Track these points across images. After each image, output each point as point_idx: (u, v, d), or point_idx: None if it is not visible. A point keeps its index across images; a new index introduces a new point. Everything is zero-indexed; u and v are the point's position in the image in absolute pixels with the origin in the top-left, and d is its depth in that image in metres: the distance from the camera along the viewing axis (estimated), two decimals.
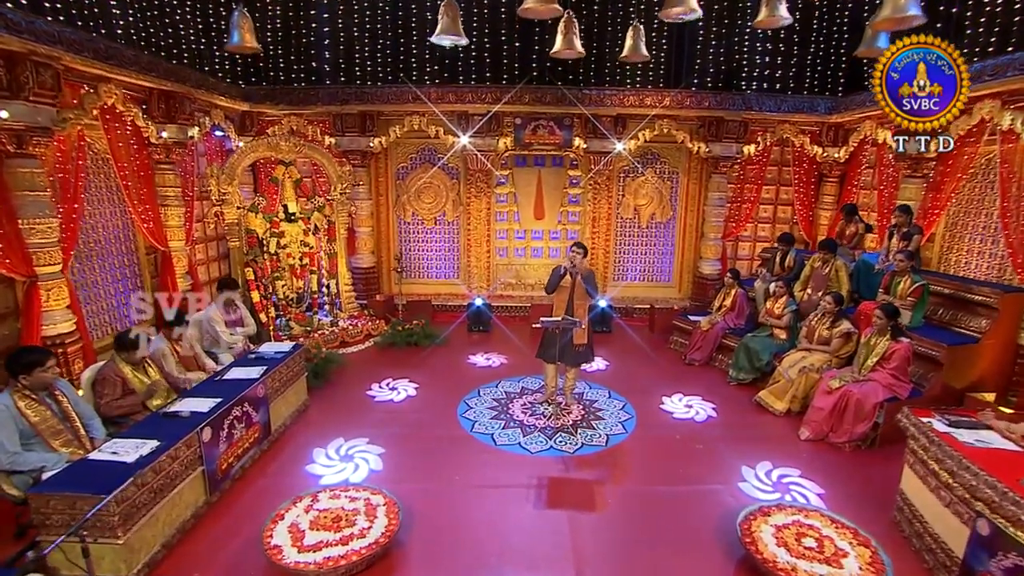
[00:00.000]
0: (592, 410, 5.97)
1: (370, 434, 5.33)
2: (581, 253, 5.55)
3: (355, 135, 8.80)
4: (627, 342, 8.36)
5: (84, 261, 6.27)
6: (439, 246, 9.78)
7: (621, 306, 9.36)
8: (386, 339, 7.94)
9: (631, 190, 9.50)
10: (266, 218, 7.53)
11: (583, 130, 8.87)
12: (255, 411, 4.79)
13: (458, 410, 5.92)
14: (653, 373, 7.12)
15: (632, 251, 9.79)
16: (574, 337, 5.68)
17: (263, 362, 5.27)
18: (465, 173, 9.40)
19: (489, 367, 7.27)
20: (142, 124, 6.46)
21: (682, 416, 5.89)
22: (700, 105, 8.53)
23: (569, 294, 5.62)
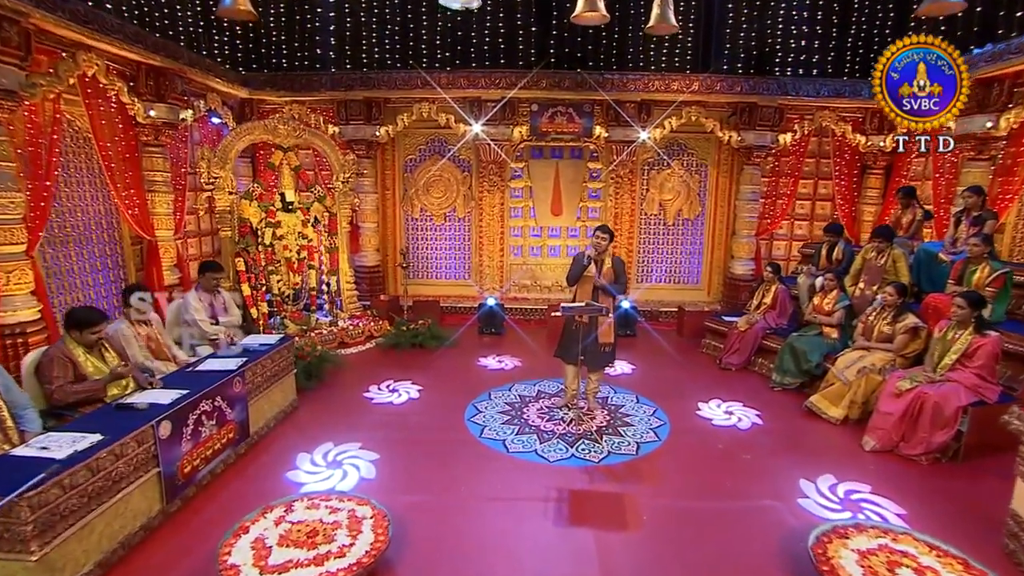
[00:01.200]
0: (619, 415, 5.27)
1: (364, 438, 4.69)
2: (607, 238, 4.92)
3: (360, 123, 8.31)
4: (654, 346, 7.65)
5: (58, 247, 5.77)
6: (449, 244, 9.21)
7: (646, 309, 8.66)
8: (389, 340, 7.33)
9: (656, 184, 8.87)
10: (261, 207, 7.01)
11: (604, 118, 8.30)
12: (230, 408, 4.18)
13: (465, 414, 5.26)
14: (685, 378, 6.40)
15: (657, 250, 9.12)
16: (599, 335, 5.02)
17: (245, 354, 4.67)
18: (477, 166, 8.86)
19: (501, 370, 6.61)
20: (127, 100, 6.00)
21: (723, 423, 5.16)
22: (731, 90, 7.92)
23: (593, 286, 4.97)
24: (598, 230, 4.98)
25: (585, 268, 4.92)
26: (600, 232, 4.94)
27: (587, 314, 4.68)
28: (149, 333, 4.35)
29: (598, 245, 4.91)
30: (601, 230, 4.96)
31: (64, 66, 5.18)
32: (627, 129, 8.24)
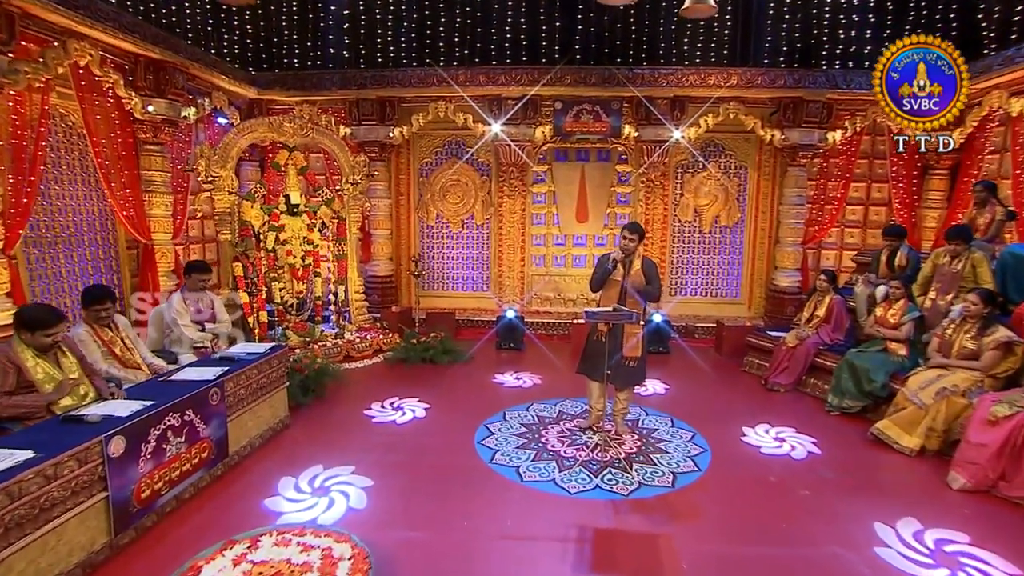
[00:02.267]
0: (651, 441, 4.66)
1: (358, 461, 4.18)
2: (636, 239, 4.40)
3: (373, 124, 7.98)
4: (690, 364, 7.00)
5: (45, 247, 5.49)
6: (466, 253, 8.75)
7: (680, 324, 8.02)
8: (398, 354, 6.85)
9: (691, 188, 8.30)
10: (264, 209, 6.67)
11: (634, 116, 7.80)
12: (204, 423, 3.73)
13: (476, 436, 4.72)
14: (727, 399, 5.75)
15: (692, 260, 8.51)
16: (625, 348, 4.46)
17: (228, 364, 4.24)
18: (497, 169, 8.43)
19: (519, 387, 6.06)
20: (123, 94, 5.75)
21: (773, 451, 4.50)
22: (774, 84, 7.35)
23: (620, 291, 4.46)
24: (626, 228, 4.47)
25: (611, 272, 4.40)
26: (628, 231, 4.42)
27: (614, 321, 4.13)
28: (113, 338, 3.94)
29: (626, 247, 4.40)
30: (629, 228, 4.45)
31: (52, 54, 4.93)
32: (659, 128, 7.72)
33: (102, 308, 3.90)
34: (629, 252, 4.41)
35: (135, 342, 4.20)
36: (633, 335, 4.49)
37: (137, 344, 4.21)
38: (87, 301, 3.92)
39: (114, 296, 4.05)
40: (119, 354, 3.96)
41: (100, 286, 4.10)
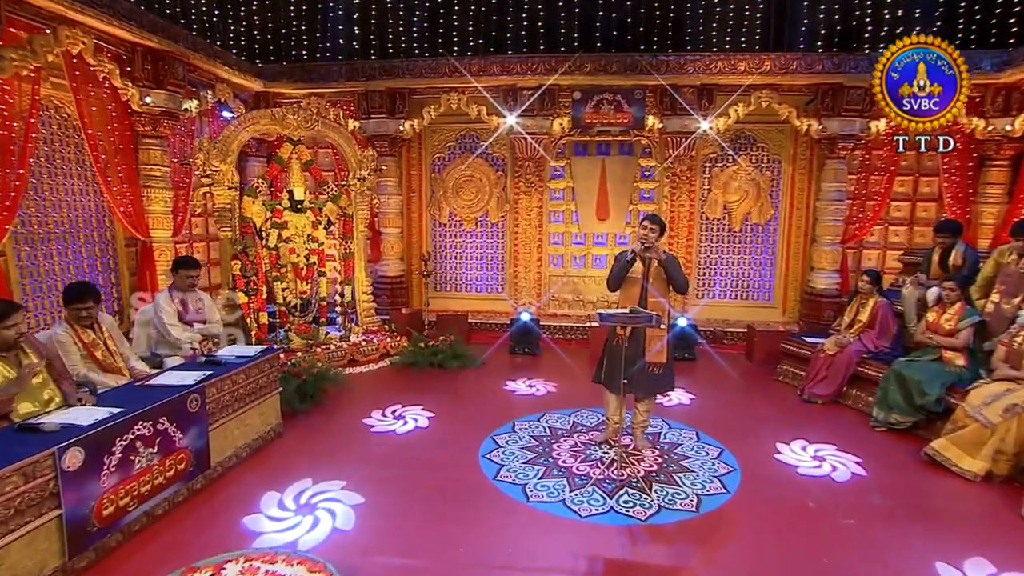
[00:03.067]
0: (674, 458, 4.26)
1: (350, 475, 3.89)
2: (656, 230, 4.05)
3: (383, 117, 7.74)
4: (718, 372, 6.57)
5: (37, 244, 5.35)
6: (480, 252, 8.45)
7: (707, 328, 7.58)
8: (404, 358, 6.57)
9: (720, 183, 7.86)
10: (267, 205, 6.46)
11: (658, 106, 7.41)
12: (181, 432, 3.47)
13: (481, 449, 4.39)
14: (759, 412, 5.31)
15: (721, 260, 8.05)
16: (648, 354, 4.09)
17: (213, 368, 3.99)
18: (513, 164, 8.11)
19: (531, 395, 5.71)
20: (119, 85, 5.59)
21: (811, 472, 4.07)
22: (811, 70, 6.88)
23: (641, 289, 4.09)
24: (646, 219, 4.12)
25: (628, 267, 4.05)
26: (648, 222, 4.06)
27: (631, 324, 3.76)
28: (95, 340, 3.72)
29: (645, 238, 4.04)
30: (650, 219, 4.10)
31: (41, 41, 4.76)
32: (685, 119, 7.31)
33: (83, 307, 3.69)
34: (650, 245, 4.05)
35: (120, 344, 3.99)
36: (657, 339, 4.12)
37: (122, 346, 4.00)
38: (68, 299, 3.72)
39: (97, 294, 3.83)
40: (100, 357, 3.73)
41: (82, 283, 3.89)
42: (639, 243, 4.08)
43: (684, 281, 4.08)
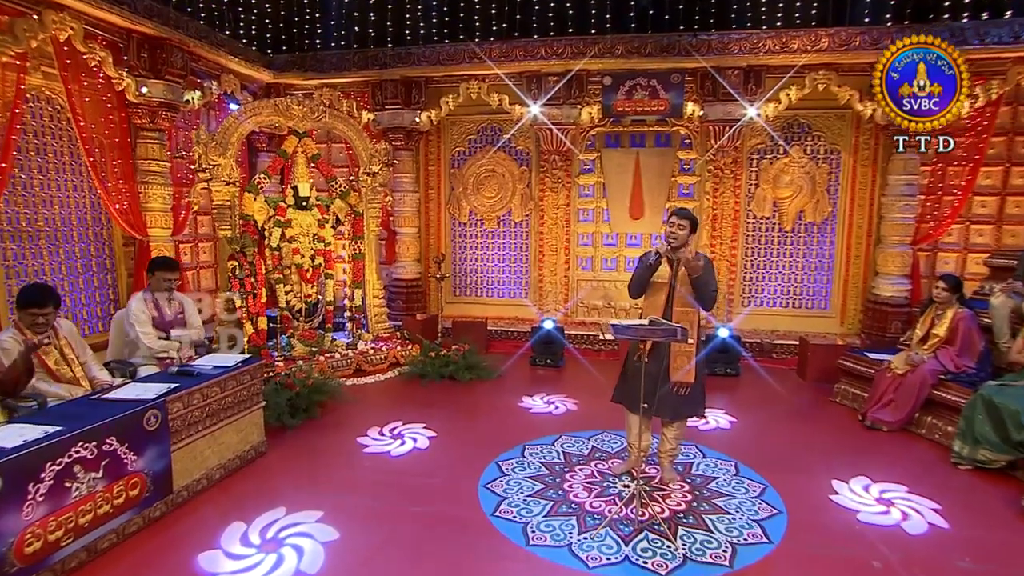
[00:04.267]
0: (706, 495, 3.72)
1: (330, 505, 3.52)
2: (686, 227, 3.56)
3: (397, 108, 7.42)
4: (764, 391, 5.94)
5: (25, 243, 5.21)
6: (503, 254, 8.02)
7: (753, 340, 6.94)
8: (414, 369, 6.19)
9: (769, 177, 7.21)
10: (269, 202, 6.20)
11: (699, 91, 6.84)
12: (134, 453, 3.16)
13: (482, 477, 3.95)
14: (812, 440, 4.69)
15: (770, 264, 7.39)
16: (673, 371, 3.59)
17: (183, 379, 3.68)
18: (538, 158, 7.67)
19: (548, 415, 5.24)
20: (113, 74, 5.42)
21: (876, 519, 3.45)
22: (877, 45, 6.15)
23: (667, 296, 3.60)
24: (673, 215, 3.62)
25: (652, 270, 3.55)
26: (676, 218, 3.56)
27: (650, 338, 3.26)
28: (49, 348, 3.45)
29: (673, 236, 3.53)
30: (677, 215, 3.59)
31: (23, 25, 4.61)
32: (729, 105, 6.71)
33: (40, 313, 3.42)
34: (679, 244, 3.55)
35: (81, 351, 3.72)
36: (684, 354, 3.62)
37: (83, 354, 3.73)
38: (23, 302, 3.45)
39: (58, 299, 3.56)
40: (52, 367, 3.47)
41: (41, 286, 3.63)
42: (665, 242, 3.59)
43: (712, 293, 3.54)
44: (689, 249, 3.57)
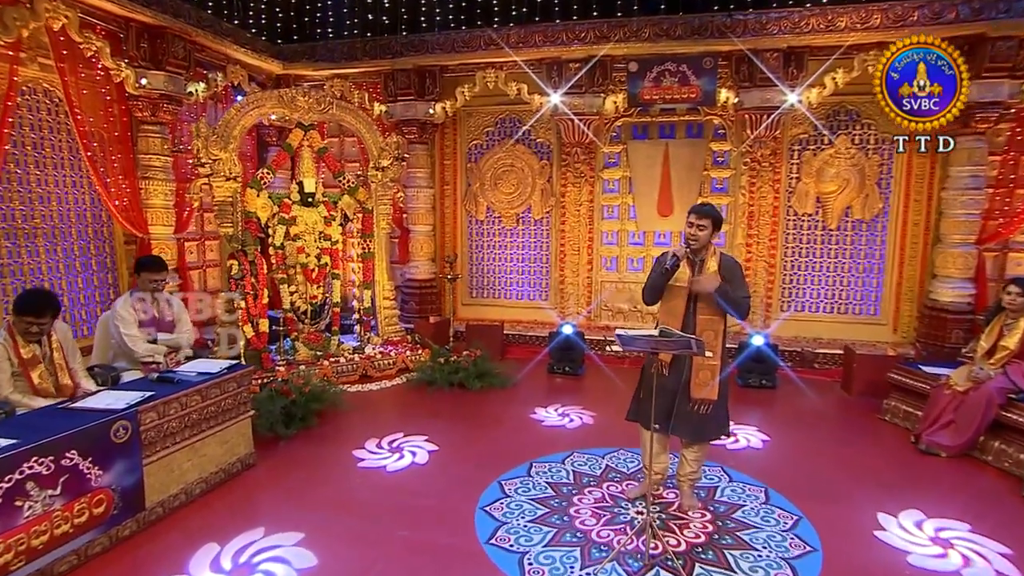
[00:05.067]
0: (730, 526, 3.39)
1: (312, 527, 3.33)
2: (707, 226, 3.27)
3: (411, 100, 7.23)
4: (803, 406, 5.53)
5: (21, 240, 5.18)
6: (522, 253, 7.76)
7: (792, 348, 6.52)
8: (422, 376, 5.98)
9: (812, 170, 6.75)
10: (273, 198, 6.08)
11: (734, 77, 6.45)
12: (99, 468, 3.01)
13: (481, 498, 3.70)
14: (856, 465, 4.28)
15: (812, 265, 6.93)
16: (693, 385, 3.29)
17: (162, 387, 3.54)
18: (559, 151, 7.38)
19: (561, 428, 4.96)
20: (111, 64, 5.36)
21: (929, 563, 3.07)
22: (938, 19, 5.68)
23: (687, 303, 3.31)
24: (692, 212, 3.32)
25: (669, 276, 3.26)
26: (695, 216, 3.25)
27: (660, 350, 2.96)
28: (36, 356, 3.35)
29: (694, 238, 3.23)
30: (697, 212, 3.29)
31: (13, 14, 4.55)
32: (767, 91, 6.30)
33: (36, 322, 3.29)
34: (700, 245, 3.25)
35: (72, 357, 3.61)
36: (708, 368, 3.30)
37: (74, 360, 3.62)
38: (18, 308, 3.32)
39: (57, 308, 3.42)
40: (36, 382, 3.34)
41: (40, 293, 3.50)
42: (681, 245, 3.30)
43: (743, 301, 3.24)
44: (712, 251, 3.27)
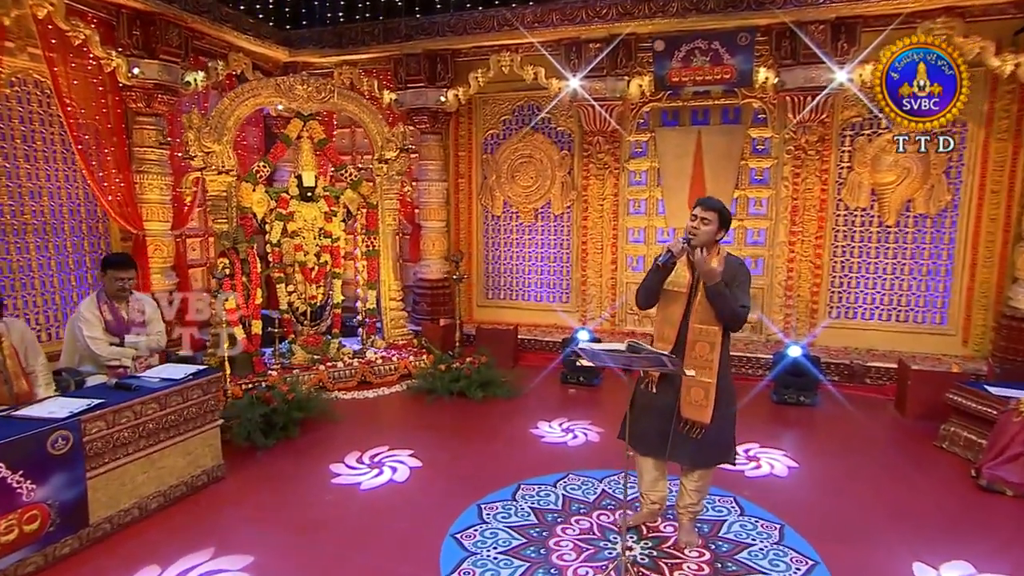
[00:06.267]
0: (730, 569, 3.06)
1: (264, 550, 3.21)
2: (712, 220, 2.98)
3: (421, 86, 7.08)
4: (845, 427, 5.08)
5: (11, 236, 5.30)
6: (541, 252, 7.52)
7: (838, 361, 6.04)
8: (422, 383, 5.82)
9: (866, 158, 6.24)
10: (270, 193, 6.05)
11: (774, 53, 6.02)
12: (32, 482, 2.96)
13: (455, 523, 3.49)
14: (899, 500, 3.84)
15: (866, 266, 6.41)
16: (683, 404, 3.00)
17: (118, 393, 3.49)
18: (581, 140, 7.09)
19: (562, 446, 4.70)
20: (100, 53, 5.42)
21: None
22: None
23: (684, 308, 3.04)
24: (698, 204, 3.05)
25: (663, 274, 3.00)
26: (703, 208, 3.00)
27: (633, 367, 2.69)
28: None
29: (694, 231, 2.95)
30: (704, 205, 3.01)
31: None
32: (813, 69, 5.83)
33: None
34: (703, 241, 2.95)
35: (33, 358, 3.62)
36: (699, 385, 3.00)
37: (35, 362, 3.63)
38: None
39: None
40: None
41: None
42: (681, 240, 2.99)
43: (738, 310, 2.91)
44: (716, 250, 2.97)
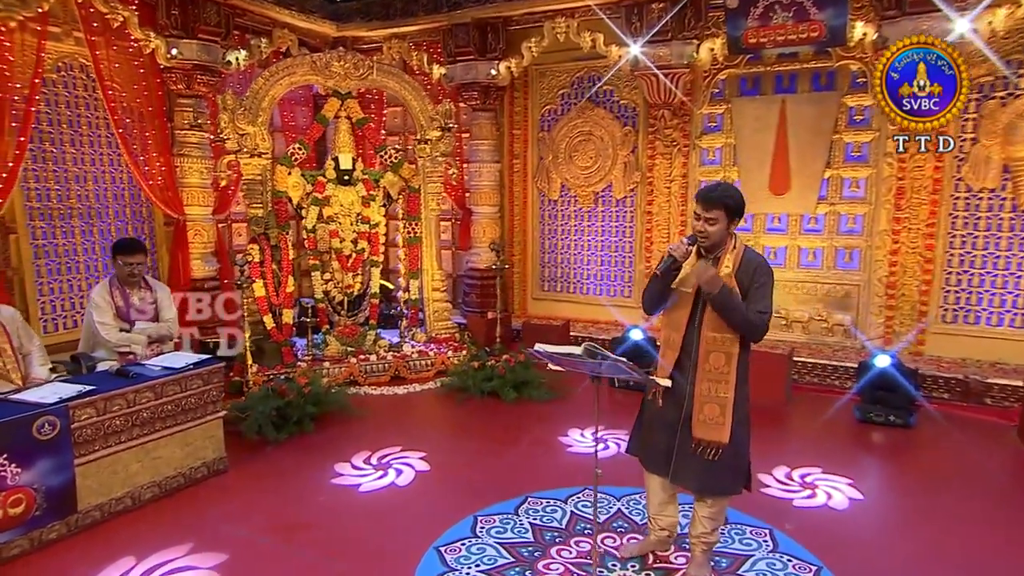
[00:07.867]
0: None
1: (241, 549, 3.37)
2: (717, 218, 2.79)
3: (471, 59, 7.04)
4: (941, 455, 4.56)
5: (56, 220, 5.80)
6: (600, 240, 7.30)
7: (949, 375, 5.42)
8: (455, 381, 5.84)
9: (996, 128, 5.55)
10: (306, 176, 6.25)
11: (873, 3, 5.49)
12: (17, 466, 3.21)
13: (443, 536, 3.45)
14: (983, 552, 3.37)
15: (990, 260, 5.70)
16: (694, 423, 2.80)
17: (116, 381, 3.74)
18: (646, 115, 6.79)
19: (587, 456, 4.52)
20: (139, 35, 5.78)
21: None
22: None
23: (690, 311, 2.86)
24: (698, 200, 2.90)
25: (664, 280, 2.84)
26: (704, 205, 2.81)
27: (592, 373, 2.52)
28: None
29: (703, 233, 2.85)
30: (704, 200, 2.87)
31: None
32: (924, 19, 5.25)
33: None
34: (711, 242, 2.77)
35: (27, 341, 3.95)
36: (714, 401, 2.78)
37: (29, 344, 3.96)
38: None
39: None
40: None
41: None
42: (685, 240, 2.82)
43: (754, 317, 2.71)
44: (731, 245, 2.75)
